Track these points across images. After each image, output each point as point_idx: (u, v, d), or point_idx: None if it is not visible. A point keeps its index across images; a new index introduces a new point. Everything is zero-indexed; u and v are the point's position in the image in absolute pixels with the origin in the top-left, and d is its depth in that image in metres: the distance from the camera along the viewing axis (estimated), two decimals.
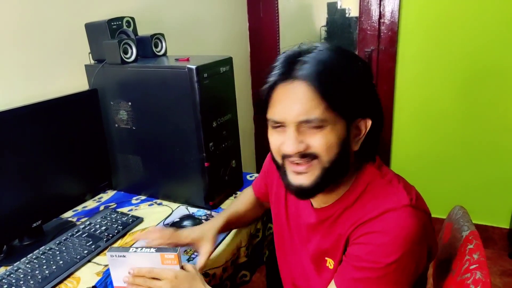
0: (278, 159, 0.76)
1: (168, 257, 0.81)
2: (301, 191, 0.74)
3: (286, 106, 0.70)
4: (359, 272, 0.70)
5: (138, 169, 1.35)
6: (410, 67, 2.11)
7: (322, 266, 0.84)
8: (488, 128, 2.02)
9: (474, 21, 1.90)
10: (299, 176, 0.73)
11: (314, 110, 0.68)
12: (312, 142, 0.70)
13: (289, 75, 0.70)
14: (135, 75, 1.24)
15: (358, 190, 0.76)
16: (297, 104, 0.68)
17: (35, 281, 0.93)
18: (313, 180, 0.72)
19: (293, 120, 0.69)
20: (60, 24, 1.33)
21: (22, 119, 1.06)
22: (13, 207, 1.06)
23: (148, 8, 1.67)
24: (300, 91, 0.68)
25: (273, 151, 0.77)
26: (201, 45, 2.02)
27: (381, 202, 0.72)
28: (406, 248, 0.67)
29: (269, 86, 0.72)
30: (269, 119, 0.74)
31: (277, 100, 0.71)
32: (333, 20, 2.40)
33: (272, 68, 0.73)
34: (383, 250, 0.68)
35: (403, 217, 0.69)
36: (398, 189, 0.73)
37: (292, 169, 0.73)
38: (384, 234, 0.68)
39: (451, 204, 1.08)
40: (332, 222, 0.80)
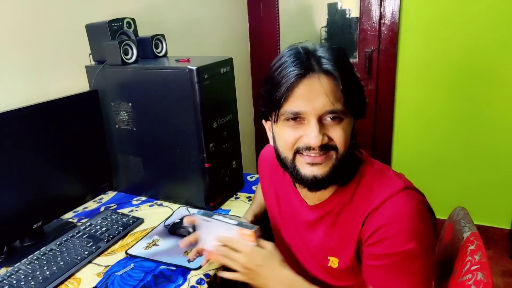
0: (289, 154, 0.76)
1: (245, 232, 0.81)
2: (315, 182, 0.74)
3: (310, 98, 0.70)
4: (389, 268, 0.72)
5: (139, 170, 1.35)
6: (410, 67, 2.11)
7: (324, 266, 0.84)
8: (489, 128, 2.01)
9: (474, 21, 1.90)
10: (313, 167, 0.74)
11: (338, 103, 0.71)
12: (333, 135, 0.72)
13: (309, 69, 0.71)
14: (136, 76, 1.24)
15: (353, 184, 0.79)
16: (322, 96, 0.70)
17: (36, 282, 0.93)
18: (327, 170, 0.73)
19: (318, 111, 0.70)
20: (61, 25, 1.34)
21: (23, 120, 1.06)
22: (14, 208, 1.06)
23: (148, 9, 1.67)
24: (323, 84, 0.70)
25: (286, 145, 0.76)
26: (201, 46, 2.03)
27: (378, 192, 0.74)
28: (418, 228, 0.70)
29: (291, 82, 0.70)
30: (287, 112, 0.72)
31: (299, 93, 0.71)
32: (334, 21, 2.39)
33: (283, 65, 0.73)
34: (399, 238, 0.70)
35: (403, 201, 0.72)
36: (389, 176, 0.77)
37: (307, 160, 0.73)
38: (393, 224, 0.70)
39: (452, 204, 1.07)
40: (333, 219, 0.81)
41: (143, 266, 1.00)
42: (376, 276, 0.74)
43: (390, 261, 0.71)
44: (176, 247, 1.07)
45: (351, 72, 0.74)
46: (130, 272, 0.98)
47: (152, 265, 1.01)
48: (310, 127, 0.71)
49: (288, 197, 0.92)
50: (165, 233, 1.14)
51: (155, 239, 1.12)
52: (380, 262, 0.72)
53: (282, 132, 0.76)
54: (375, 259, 0.73)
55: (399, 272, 0.71)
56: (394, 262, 0.71)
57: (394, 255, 0.70)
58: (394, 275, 0.72)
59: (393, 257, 0.71)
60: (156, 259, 1.02)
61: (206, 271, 0.97)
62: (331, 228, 0.81)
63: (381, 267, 0.73)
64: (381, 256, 0.72)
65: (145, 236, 1.14)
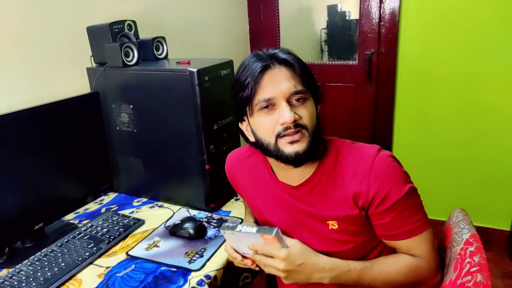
0: (271, 139, 0.85)
1: (267, 237, 0.82)
2: (298, 157, 0.84)
3: (276, 85, 0.83)
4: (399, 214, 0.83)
5: (139, 171, 1.35)
6: (410, 69, 2.12)
7: (326, 230, 0.90)
8: (489, 129, 2.02)
9: (474, 23, 1.90)
10: (294, 145, 0.83)
11: (298, 84, 0.84)
12: (300, 113, 0.83)
13: (270, 63, 0.84)
14: (137, 78, 1.24)
15: (332, 156, 0.90)
16: (285, 81, 0.83)
17: (37, 283, 0.94)
18: (305, 146, 0.84)
19: (285, 94, 0.83)
20: (62, 27, 1.34)
21: (24, 122, 1.06)
22: (15, 209, 1.06)
23: (149, 11, 1.67)
24: (284, 72, 0.84)
25: (266, 133, 0.85)
26: (202, 48, 2.03)
27: (361, 157, 0.86)
28: (404, 173, 0.86)
29: (257, 74, 0.83)
30: (260, 100, 0.83)
31: (265, 83, 0.83)
32: (333, 23, 2.40)
33: (247, 66, 0.86)
34: (398, 185, 0.83)
35: (385, 156, 0.86)
36: (362, 144, 0.91)
37: (288, 140, 0.83)
38: (389, 176, 0.83)
39: (451, 206, 1.08)
40: (322, 190, 0.89)
41: (144, 267, 1.01)
42: (391, 228, 0.85)
43: (399, 208, 0.83)
44: (177, 249, 1.08)
45: (301, 61, 0.88)
46: (131, 273, 0.99)
47: (152, 266, 1.01)
48: (281, 108, 0.82)
49: (270, 187, 0.97)
50: (165, 235, 1.15)
51: (156, 240, 1.12)
52: (392, 214, 0.83)
53: (260, 122, 0.86)
54: (386, 213, 0.84)
55: (407, 213, 0.84)
56: (401, 206, 0.83)
57: (400, 201, 0.82)
58: (405, 217, 0.84)
59: (400, 204, 0.83)
60: (157, 260, 1.03)
61: (206, 273, 0.97)
62: (322, 198, 0.89)
63: (393, 218, 0.84)
64: (390, 209, 0.83)
65: (145, 238, 1.14)
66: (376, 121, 2.29)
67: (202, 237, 1.12)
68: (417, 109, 2.16)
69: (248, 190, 1.04)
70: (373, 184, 0.83)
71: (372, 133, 2.32)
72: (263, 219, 1.01)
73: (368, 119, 2.30)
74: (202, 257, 1.03)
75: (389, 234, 0.86)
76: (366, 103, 2.28)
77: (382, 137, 2.29)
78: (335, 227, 0.89)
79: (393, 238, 0.87)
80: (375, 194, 0.83)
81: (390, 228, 0.86)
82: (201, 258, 1.03)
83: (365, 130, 2.32)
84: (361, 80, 2.26)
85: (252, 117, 0.87)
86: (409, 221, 0.84)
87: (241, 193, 1.09)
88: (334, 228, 0.89)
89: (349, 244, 0.89)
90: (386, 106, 2.23)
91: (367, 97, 2.27)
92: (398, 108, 2.21)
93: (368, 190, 0.83)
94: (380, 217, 0.85)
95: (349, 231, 0.89)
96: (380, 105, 2.25)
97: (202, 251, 1.06)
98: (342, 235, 0.89)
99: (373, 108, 2.27)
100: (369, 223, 0.88)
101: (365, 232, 0.89)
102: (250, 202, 1.05)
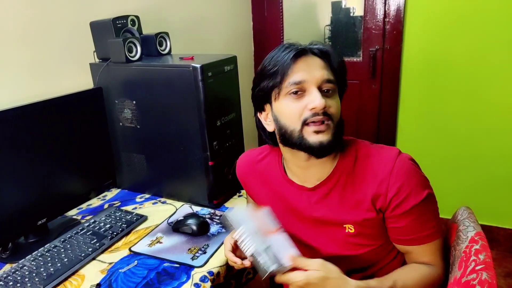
0: (297, 125, 0.82)
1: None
2: (322, 148, 0.82)
3: (309, 71, 0.82)
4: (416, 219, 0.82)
5: (142, 167, 1.35)
6: (415, 66, 2.10)
7: (342, 234, 0.88)
8: (494, 127, 2.00)
9: (480, 20, 1.88)
10: (319, 135, 0.82)
11: (330, 75, 0.83)
12: (329, 103, 0.82)
13: (306, 51, 0.84)
14: (140, 74, 1.24)
15: (351, 157, 0.88)
16: (318, 69, 0.82)
17: (40, 278, 0.94)
18: (330, 137, 0.82)
19: (318, 80, 0.82)
20: (65, 22, 1.34)
21: (27, 117, 1.06)
22: (18, 205, 1.06)
23: (152, 7, 1.67)
24: (318, 62, 0.84)
25: (293, 117, 0.83)
26: (205, 44, 2.02)
27: (381, 159, 0.85)
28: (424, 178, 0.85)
29: (292, 58, 0.82)
30: (291, 83, 0.82)
31: (298, 68, 0.82)
32: (338, 19, 2.39)
33: (275, 55, 0.84)
34: (418, 190, 0.82)
35: (406, 160, 0.84)
36: (382, 146, 0.89)
37: (314, 129, 0.81)
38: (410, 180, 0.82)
39: (456, 204, 1.07)
40: (340, 192, 0.87)
41: (147, 264, 1.01)
42: (406, 232, 0.84)
43: (416, 213, 0.82)
44: (180, 245, 1.08)
45: (337, 57, 0.87)
46: (133, 269, 0.99)
47: (155, 262, 1.01)
48: (312, 94, 0.81)
49: (284, 192, 0.95)
50: (168, 231, 1.15)
51: (159, 236, 1.12)
52: (408, 218, 0.82)
53: (287, 107, 0.83)
54: (403, 217, 0.82)
55: (423, 218, 0.83)
56: (419, 211, 0.82)
57: (418, 206, 0.81)
58: (421, 223, 0.83)
59: (418, 208, 0.81)
60: (160, 257, 1.03)
61: (209, 269, 0.97)
62: (340, 200, 0.87)
63: (409, 222, 0.82)
64: (407, 212, 0.82)
65: (148, 234, 1.14)
66: (380, 118, 2.28)
67: (205, 234, 1.12)
68: (422, 106, 2.15)
69: (260, 195, 1.02)
70: (393, 186, 0.81)
71: (376, 130, 2.30)
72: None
73: (372, 116, 2.29)
74: (205, 254, 1.03)
75: (404, 238, 0.85)
76: (370, 100, 2.27)
77: (386, 134, 2.28)
78: (351, 231, 0.87)
79: (408, 243, 0.86)
80: (393, 196, 0.82)
81: (406, 233, 0.84)
82: (204, 255, 1.02)
83: (369, 127, 2.31)
84: (365, 77, 2.24)
85: (277, 102, 0.84)
86: (426, 226, 0.83)
87: (253, 198, 1.06)
88: (351, 231, 0.87)
89: (366, 248, 0.88)
90: (390, 103, 2.22)
91: (371, 94, 2.25)
92: (403, 105, 2.20)
93: (387, 191, 0.82)
94: (396, 220, 0.84)
95: (366, 235, 0.87)
96: (384, 102, 2.24)
97: (205, 247, 1.06)
98: (359, 238, 0.87)
99: (377, 105, 2.26)
100: (385, 226, 0.87)
101: (382, 236, 0.88)
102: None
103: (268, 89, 0.85)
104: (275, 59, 0.84)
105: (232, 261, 0.90)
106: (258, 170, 1.00)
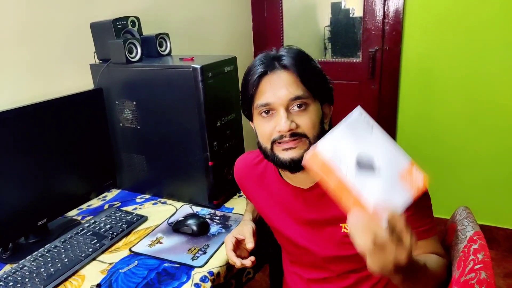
0: (268, 144, 0.85)
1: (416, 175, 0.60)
2: (293, 163, 0.82)
3: (274, 91, 0.81)
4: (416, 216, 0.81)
5: (143, 168, 1.35)
6: (414, 67, 2.11)
7: (339, 235, 0.88)
8: (492, 128, 2.01)
9: (479, 21, 1.89)
10: (289, 152, 0.82)
11: (297, 90, 0.81)
12: (300, 122, 0.81)
13: (271, 67, 0.83)
14: (140, 75, 1.24)
15: None
16: (283, 88, 0.81)
17: (40, 278, 0.94)
18: (302, 152, 0.81)
19: (283, 101, 0.81)
20: (66, 23, 1.34)
21: (28, 118, 1.06)
22: (19, 205, 1.07)
23: (153, 8, 1.67)
24: (283, 78, 0.82)
25: (264, 137, 0.85)
26: (205, 45, 2.03)
27: None
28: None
29: (256, 79, 0.82)
30: (259, 105, 0.83)
31: (264, 88, 0.82)
32: (337, 20, 2.39)
33: (251, 67, 0.85)
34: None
35: None
36: None
37: (281, 147, 0.82)
38: None
39: (455, 204, 1.07)
40: None
41: (147, 264, 1.01)
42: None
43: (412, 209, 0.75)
44: (180, 245, 1.08)
45: (308, 64, 0.85)
46: (133, 270, 0.99)
47: (155, 262, 1.01)
48: (279, 115, 0.81)
49: (281, 194, 0.95)
50: (168, 231, 1.15)
51: (159, 236, 1.12)
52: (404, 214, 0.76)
53: (259, 126, 0.86)
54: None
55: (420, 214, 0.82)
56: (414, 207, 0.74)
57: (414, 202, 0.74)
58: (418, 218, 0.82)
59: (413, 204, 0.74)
60: (160, 257, 1.03)
61: (209, 269, 0.97)
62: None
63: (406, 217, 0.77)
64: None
65: (149, 234, 1.14)
66: (379, 118, 2.28)
67: (205, 234, 1.12)
68: (421, 107, 2.15)
69: (257, 198, 1.02)
70: None
71: None
72: (274, 226, 1.00)
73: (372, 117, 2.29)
74: (205, 254, 1.03)
75: None
76: (370, 100, 2.27)
77: None
78: (347, 231, 0.87)
79: None
80: None
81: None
82: (204, 255, 1.03)
83: None
84: (364, 77, 2.25)
85: (254, 119, 0.87)
86: (422, 222, 0.84)
87: (251, 200, 1.08)
88: (347, 231, 0.87)
89: None
90: (389, 103, 2.22)
91: (371, 94, 2.26)
92: (402, 106, 2.20)
93: None
94: None
95: None
96: (384, 103, 2.24)
97: (205, 247, 1.06)
98: None
99: (377, 106, 2.26)
100: None
101: None
102: (261, 209, 1.04)
103: (246, 106, 0.88)
104: (251, 72, 0.85)
105: (232, 260, 0.91)
106: (255, 173, 1.01)
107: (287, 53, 0.84)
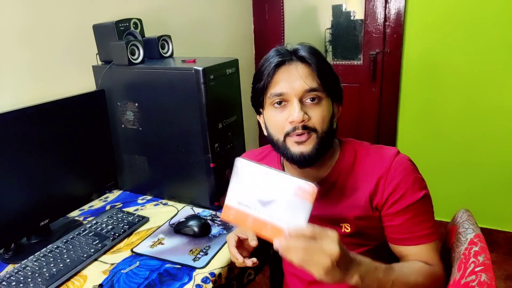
0: (280, 136, 0.85)
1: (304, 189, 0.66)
2: (303, 158, 0.83)
3: (290, 81, 0.82)
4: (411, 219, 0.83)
5: (144, 169, 1.36)
6: (415, 69, 2.11)
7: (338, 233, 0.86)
8: (494, 131, 2.01)
9: (480, 23, 1.90)
10: (300, 146, 0.83)
11: (313, 83, 0.82)
12: (312, 114, 0.82)
13: (288, 58, 0.84)
14: (142, 76, 1.25)
15: (350, 157, 0.90)
16: (299, 79, 0.82)
17: (43, 278, 0.94)
18: (312, 147, 0.83)
19: (298, 92, 0.81)
20: (68, 25, 1.35)
21: (30, 119, 1.07)
22: (21, 206, 1.07)
23: (155, 10, 1.68)
24: (300, 69, 0.83)
25: (276, 128, 0.85)
26: (207, 47, 2.04)
27: (380, 158, 0.86)
28: (421, 178, 0.87)
29: (273, 68, 0.83)
30: (272, 94, 0.83)
31: (279, 78, 0.83)
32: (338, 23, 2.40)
33: (268, 57, 0.86)
34: (414, 189, 0.83)
35: (404, 159, 0.86)
36: (380, 146, 0.91)
37: (294, 140, 0.83)
38: (407, 178, 0.83)
39: (455, 207, 1.08)
40: (338, 190, 0.88)
41: (149, 264, 1.01)
42: (402, 231, 0.85)
43: (412, 212, 0.83)
44: (181, 246, 1.08)
45: (324, 60, 0.86)
46: (135, 270, 0.99)
47: (157, 263, 1.02)
48: (292, 106, 0.82)
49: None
50: (170, 232, 1.15)
51: (161, 237, 1.13)
52: (404, 217, 0.83)
53: (271, 117, 0.85)
54: (399, 215, 0.84)
55: (419, 218, 0.84)
56: (415, 210, 0.83)
57: (414, 205, 0.83)
58: (416, 223, 0.84)
59: (414, 207, 0.83)
60: (162, 258, 1.03)
61: (211, 270, 0.98)
62: (339, 199, 0.89)
63: (405, 221, 0.83)
64: (403, 211, 0.83)
65: (150, 235, 1.15)
66: (380, 121, 2.28)
67: (207, 235, 1.12)
68: (422, 109, 2.15)
69: None
70: (390, 184, 0.83)
71: (376, 133, 2.31)
72: None
73: (372, 120, 2.30)
74: (207, 255, 1.03)
75: (400, 237, 0.86)
76: (371, 103, 2.28)
77: (386, 137, 2.29)
78: (348, 230, 0.88)
79: (403, 243, 0.86)
80: (390, 193, 0.83)
81: (401, 231, 0.85)
82: (205, 256, 1.03)
83: (369, 130, 2.32)
84: (365, 80, 2.25)
85: (265, 110, 0.87)
86: (421, 226, 0.84)
87: None
88: (347, 231, 0.88)
89: (362, 248, 0.89)
90: (390, 106, 2.23)
91: (372, 97, 2.27)
92: (403, 109, 2.21)
93: (384, 189, 0.83)
94: (391, 218, 0.85)
95: (362, 234, 0.88)
96: (385, 106, 2.25)
97: (207, 248, 1.06)
98: (355, 238, 0.88)
99: (378, 108, 2.27)
100: (381, 226, 0.88)
101: (378, 236, 0.89)
102: None
103: (257, 96, 0.87)
104: (263, 65, 0.85)
105: (235, 257, 0.91)
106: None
107: (303, 47, 0.86)
